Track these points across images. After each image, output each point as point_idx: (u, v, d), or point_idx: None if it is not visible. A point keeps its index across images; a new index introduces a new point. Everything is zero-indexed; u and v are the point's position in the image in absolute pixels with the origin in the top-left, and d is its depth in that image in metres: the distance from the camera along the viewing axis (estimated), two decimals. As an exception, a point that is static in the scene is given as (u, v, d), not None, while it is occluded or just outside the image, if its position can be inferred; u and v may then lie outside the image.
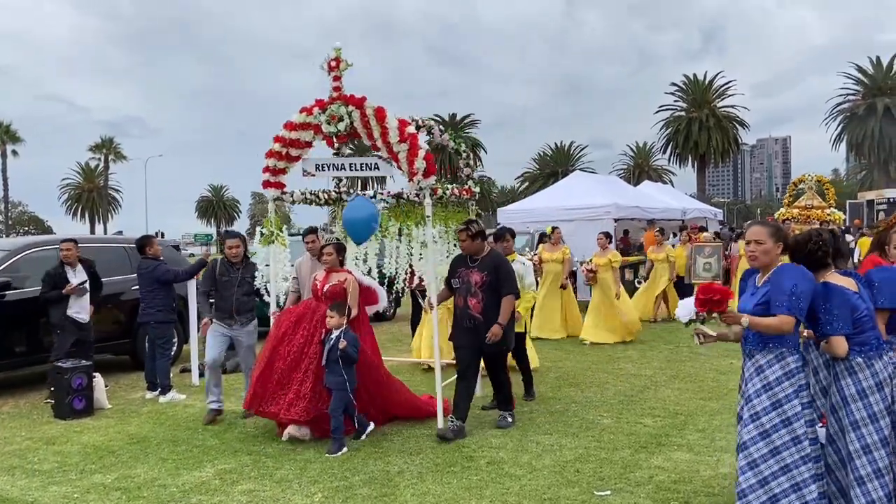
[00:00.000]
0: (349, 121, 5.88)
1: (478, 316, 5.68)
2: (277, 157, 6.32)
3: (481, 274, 5.70)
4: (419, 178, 5.70)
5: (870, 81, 47.09)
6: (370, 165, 6.19)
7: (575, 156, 61.57)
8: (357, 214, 5.95)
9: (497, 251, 6.13)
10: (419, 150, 5.68)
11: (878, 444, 3.35)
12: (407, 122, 5.80)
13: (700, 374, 7.96)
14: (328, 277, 5.88)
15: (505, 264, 5.84)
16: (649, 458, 5.05)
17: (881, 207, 26.34)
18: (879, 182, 44.21)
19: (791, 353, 3.40)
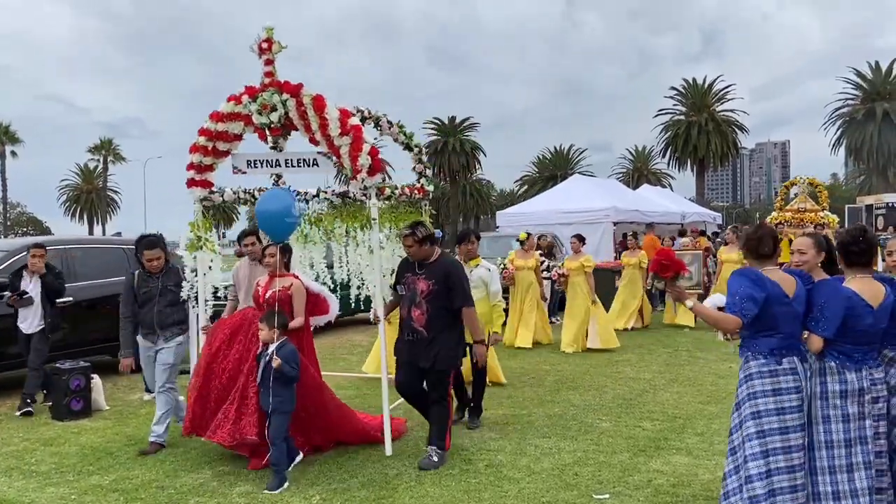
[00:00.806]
0: (283, 111, 5.22)
1: (420, 329, 5.06)
2: (203, 151, 5.62)
3: (428, 282, 5.09)
4: (363, 175, 5.08)
5: (869, 86, 47.19)
6: (309, 161, 5.51)
7: (574, 159, 61.65)
8: (269, 206, 5.23)
9: (449, 257, 5.49)
10: (363, 145, 5.06)
11: (822, 445, 3.42)
12: (350, 113, 5.19)
13: (699, 377, 7.97)
14: (271, 283, 5.25)
15: (456, 272, 5.18)
16: (648, 462, 5.05)
17: (880, 212, 26.37)
18: (878, 187, 44.26)
19: (754, 357, 3.44)
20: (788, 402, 3.38)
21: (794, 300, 3.42)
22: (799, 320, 3.45)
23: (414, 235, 5.12)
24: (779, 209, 15.04)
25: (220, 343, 5.30)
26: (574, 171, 53.23)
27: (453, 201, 63.22)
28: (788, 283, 3.45)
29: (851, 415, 3.39)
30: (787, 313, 3.40)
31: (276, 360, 4.64)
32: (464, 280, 5.21)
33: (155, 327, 5.74)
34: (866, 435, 3.39)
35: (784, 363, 3.41)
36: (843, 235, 3.61)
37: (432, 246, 5.23)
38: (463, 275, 5.25)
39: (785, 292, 3.41)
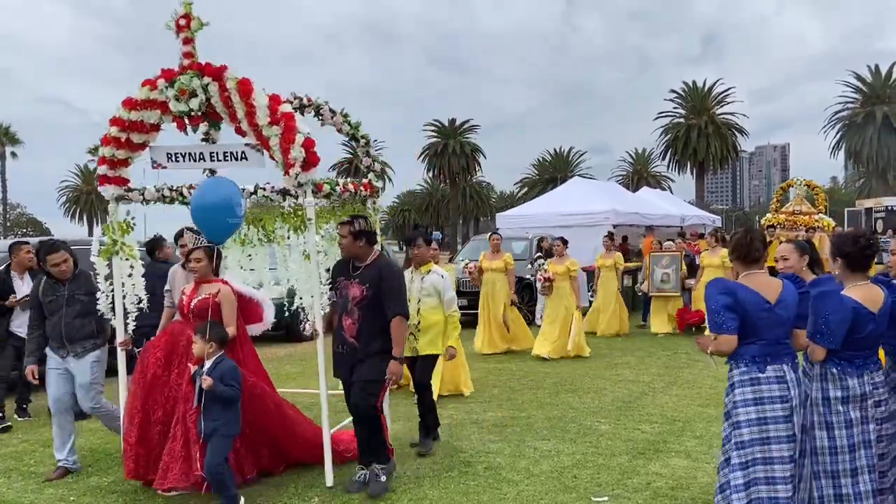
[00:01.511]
0: (204, 96, 4.57)
1: (351, 340, 4.57)
2: (116, 144, 4.91)
3: (362, 287, 4.55)
4: (296, 170, 4.49)
5: (868, 90, 47.26)
6: (236, 154, 4.86)
7: (574, 161, 61.77)
8: (206, 199, 4.56)
9: (386, 259, 4.89)
10: (296, 135, 4.46)
11: (825, 450, 3.40)
12: (280, 100, 4.59)
13: (698, 380, 7.97)
14: (197, 290, 4.72)
15: (392, 277, 4.64)
16: (647, 465, 5.05)
17: (879, 215, 26.39)
18: (878, 190, 44.34)
19: (736, 365, 3.40)
20: (772, 411, 3.29)
21: (778, 305, 3.33)
22: (786, 326, 3.37)
23: (350, 225, 4.60)
24: (774, 211, 14.78)
25: (154, 369, 4.63)
26: (574, 173, 53.28)
27: (453, 203, 63.25)
28: (771, 288, 3.37)
29: (854, 420, 3.37)
30: (767, 319, 3.31)
31: (206, 380, 4.10)
32: (399, 286, 4.66)
33: (63, 340, 5.09)
34: (870, 439, 3.39)
35: (768, 371, 3.32)
36: (853, 242, 3.49)
37: (369, 245, 4.67)
38: (399, 280, 4.71)
39: (765, 298, 3.32)
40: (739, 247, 3.46)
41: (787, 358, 3.37)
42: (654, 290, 12.05)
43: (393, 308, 4.55)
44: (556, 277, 9.57)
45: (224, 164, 4.91)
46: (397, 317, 4.55)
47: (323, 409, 4.74)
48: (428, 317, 5.49)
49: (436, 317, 5.51)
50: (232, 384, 4.21)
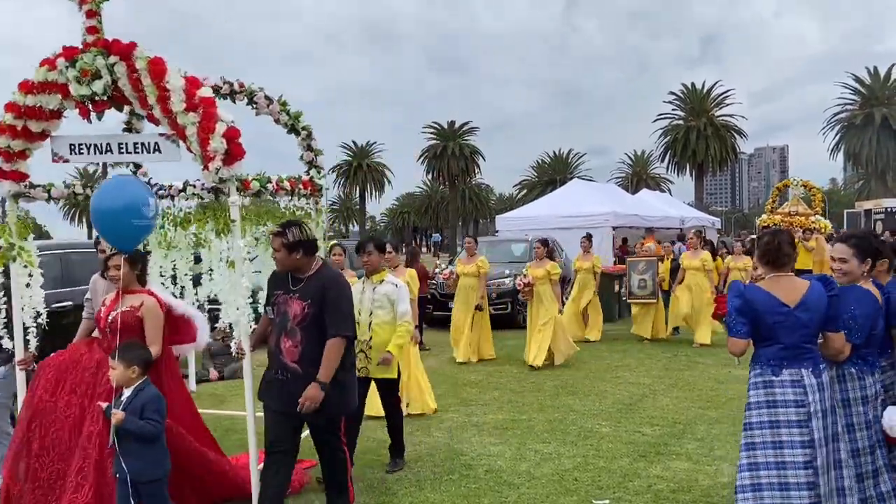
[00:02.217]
0: (110, 78, 3.96)
1: (292, 365, 3.87)
2: (11, 133, 4.31)
3: (303, 303, 3.87)
4: (217, 164, 3.90)
5: (867, 91, 47.34)
6: (148, 146, 4.28)
7: (573, 163, 61.88)
8: (107, 202, 4.06)
9: (331, 269, 4.13)
10: (216, 124, 3.87)
11: (857, 452, 3.36)
12: (199, 83, 3.99)
13: (699, 382, 7.96)
14: (118, 301, 4.06)
15: (336, 289, 3.93)
16: (648, 467, 5.05)
17: (878, 217, 26.43)
18: (877, 192, 44.39)
19: (752, 367, 3.40)
20: (785, 415, 3.22)
21: (798, 308, 3.24)
22: (809, 329, 3.26)
23: (283, 236, 3.89)
24: (770, 211, 14.61)
25: (41, 393, 3.97)
26: (573, 175, 53.39)
27: (452, 205, 63.27)
28: (794, 291, 3.28)
29: (873, 419, 3.37)
30: (785, 322, 3.23)
31: (116, 415, 3.49)
32: (342, 300, 3.95)
33: None
34: (882, 438, 3.39)
35: (783, 374, 3.24)
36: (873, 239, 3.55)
37: (308, 255, 3.96)
38: (344, 294, 3.99)
39: (782, 301, 3.24)
40: (769, 252, 3.37)
41: (809, 363, 3.26)
42: (630, 297, 11.65)
43: (334, 326, 3.84)
44: (535, 282, 9.15)
45: (135, 156, 4.38)
46: (336, 338, 3.83)
47: (250, 437, 4.24)
48: (381, 332, 4.95)
49: (390, 333, 4.96)
50: (153, 418, 3.57)
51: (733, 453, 5.24)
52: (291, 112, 5.05)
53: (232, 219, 4.15)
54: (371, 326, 4.96)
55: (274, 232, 4.02)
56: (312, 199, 5.23)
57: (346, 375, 4.00)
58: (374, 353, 4.92)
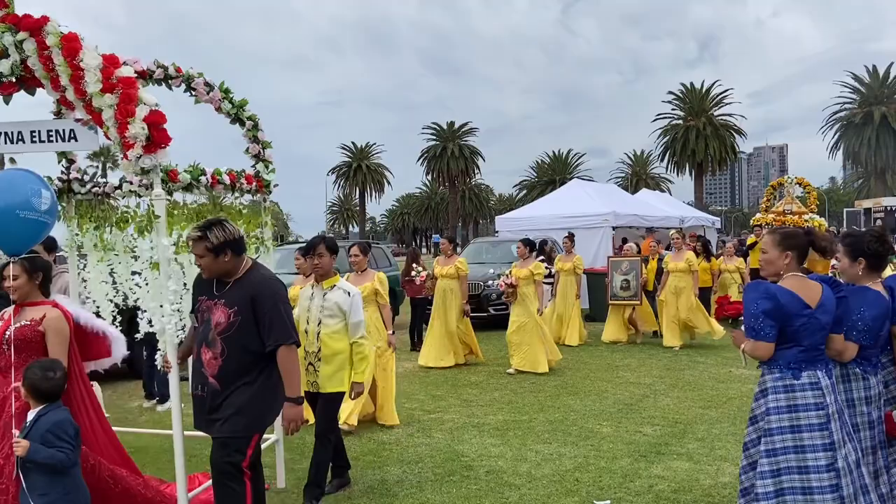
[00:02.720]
0: (19, 57, 3.58)
1: (212, 381, 3.41)
2: None
3: (227, 310, 3.42)
4: (137, 152, 3.51)
5: (866, 90, 47.42)
6: (63, 134, 3.87)
7: (573, 164, 61.93)
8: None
9: (261, 272, 3.60)
10: (137, 107, 3.48)
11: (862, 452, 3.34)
12: (118, 61, 3.57)
13: (699, 382, 7.95)
14: (18, 314, 3.63)
15: (267, 294, 3.45)
16: (649, 468, 5.04)
17: (878, 216, 26.46)
18: (876, 190, 44.43)
19: (770, 370, 3.25)
20: (806, 419, 3.16)
21: (818, 310, 3.19)
22: (825, 331, 3.22)
23: (205, 240, 3.40)
24: (764, 210, 14.41)
25: None
26: (573, 175, 53.46)
27: (452, 206, 63.31)
28: (811, 292, 3.22)
29: (876, 419, 3.35)
30: (807, 324, 3.17)
31: (19, 445, 3.10)
32: (279, 306, 3.46)
33: None
34: (884, 439, 3.38)
35: (803, 377, 3.18)
36: (875, 242, 3.45)
37: (237, 256, 3.50)
38: (279, 298, 3.50)
39: (805, 302, 3.18)
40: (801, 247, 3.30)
41: (822, 364, 3.24)
42: (612, 298, 11.19)
43: (275, 335, 3.40)
44: (519, 282, 8.78)
45: (49, 145, 3.94)
46: (282, 346, 3.40)
47: (178, 460, 3.76)
48: (331, 343, 4.52)
49: (341, 344, 4.55)
50: (63, 445, 3.16)
51: (734, 453, 5.24)
52: (235, 101, 4.52)
53: (156, 215, 3.69)
54: (319, 337, 4.53)
55: (192, 237, 3.47)
56: (260, 197, 4.74)
57: (268, 393, 3.49)
58: (323, 366, 4.51)
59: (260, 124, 4.72)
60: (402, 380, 8.37)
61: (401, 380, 8.38)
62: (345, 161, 67.23)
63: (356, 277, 6.31)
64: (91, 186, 4.60)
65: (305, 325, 4.57)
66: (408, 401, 7.29)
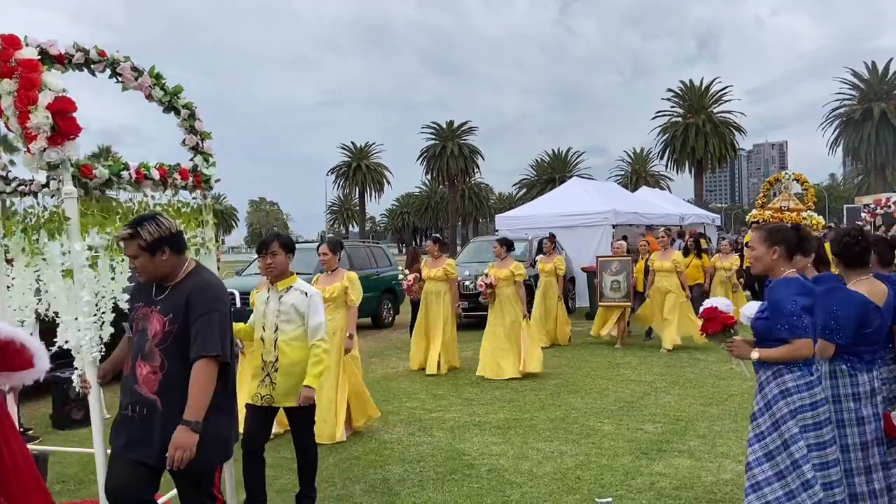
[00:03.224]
0: None
1: (150, 397, 3.01)
2: None
3: (163, 317, 3.02)
4: (40, 144, 3.21)
5: (866, 86, 47.41)
6: None
7: (572, 162, 61.90)
8: None
9: (203, 276, 3.17)
10: (39, 95, 3.15)
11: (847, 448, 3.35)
12: (18, 42, 3.23)
13: (700, 379, 7.96)
14: None
15: (202, 301, 3.02)
16: (650, 465, 5.04)
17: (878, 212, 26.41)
18: (876, 186, 44.39)
19: (789, 370, 3.15)
20: (825, 413, 3.17)
21: None
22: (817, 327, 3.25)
23: (137, 238, 3.01)
24: (760, 207, 14.22)
25: None
26: (572, 174, 53.43)
27: (452, 205, 63.31)
28: None
29: (866, 417, 3.34)
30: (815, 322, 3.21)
31: None
32: (212, 314, 3.02)
33: None
34: (881, 436, 3.36)
35: (815, 373, 3.19)
36: (843, 238, 3.54)
37: (176, 254, 3.11)
38: (212, 303, 3.05)
39: None
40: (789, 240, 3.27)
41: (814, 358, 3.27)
42: (602, 300, 10.85)
43: (199, 345, 2.95)
44: (498, 283, 8.44)
45: None
46: (202, 359, 2.93)
47: (100, 481, 3.34)
48: (289, 352, 4.17)
49: (300, 352, 4.19)
50: None
51: (736, 450, 5.24)
52: (168, 88, 4.01)
53: (66, 216, 3.25)
54: (276, 344, 4.18)
55: (122, 235, 3.07)
56: (200, 194, 4.24)
57: (223, 413, 3.06)
58: (280, 378, 4.13)
59: (197, 113, 4.20)
60: (403, 379, 8.38)
61: (402, 379, 8.40)
62: (344, 161, 67.24)
63: (326, 277, 6.13)
64: (17, 185, 4.11)
65: (262, 332, 4.24)
66: (409, 400, 7.30)
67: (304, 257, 9.86)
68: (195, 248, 4.19)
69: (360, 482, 4.86)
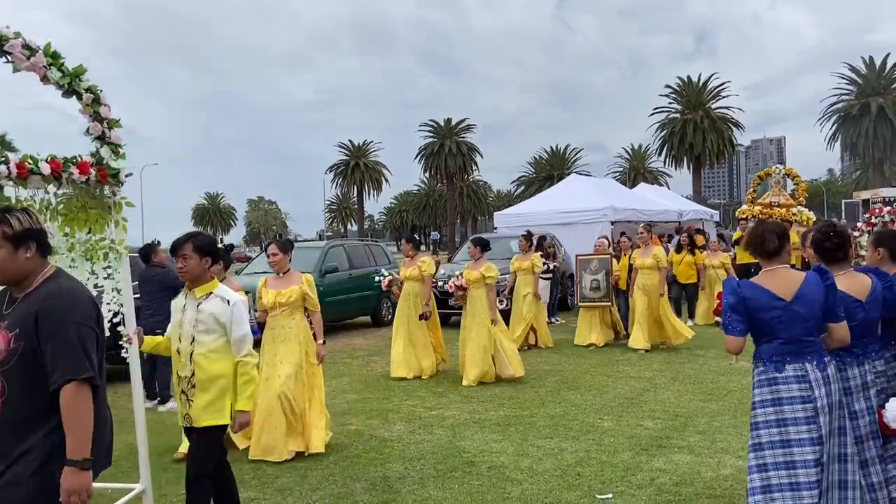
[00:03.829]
0: None
1: None
2: None
3: (8, 333, 2.52)
4: None
5: (863, 81, 47.42)
6: None
7: (570, 159, 61.85)
8: None
9: (60, 282, 2.64)
10: None
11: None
12: None
13: (700, 375, 7.97)
14: None
15: (54, 311, 2.50)
16: (650, 461, 5.05)
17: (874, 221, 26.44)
18: (874, 181, 44.43)
19: (755, 364, 3.31)
20: (791, 412, 3.14)
21: (796, 302, 3.19)
22: (808, 322, 3.20)
23: (2, 224, 2.57)
24: (750, 202, 14.00)
25: None
26: (571, 171, 53.43)
27: (450, 203, 63.28)
28: (789, 284, 3.23)
29: (859, 411, 3.33)
30: (782, 317, 3.18)
31: None
32: (69, 327, 2.49)
33: None
34: (877, 429, 3.35)
35: (787, 370, 3.17)
36: (815, 234, 3.56)
37: (40, 256, 2.65)
38: (72, 316, 2.52)
39: (777, 295, 3.21)
40: (752, 239, 3.38)
41: (812, 356, 3.20)
42: (581, 300, 10.44)
43: (62, 369, 2.45)
44: (469, 285, 8.01)
45: None
46: (70, 384, 2.44)
47: None
48: (206, 366, 3.67)
49: (219, 365, 3.69)
50: None
51: (735, 445, 5.26)
52: (66, 69, 3.54)
53: None
54: (192, 357, 3.69)
55: None
56: (109, 189, 3.79)
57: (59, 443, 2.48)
58: (197, 394, 3.66)
59: (103, 97, 3.68)
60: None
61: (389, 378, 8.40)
62: (342, 159, 67.19)
63: (277, 280, 5.65)
64: None
65: (177, 344, 3.77)
66: (409, 398, 7.31)
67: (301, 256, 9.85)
68: (103, 251, 3.84)
69: (360, 480, 4.87)
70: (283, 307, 5.53)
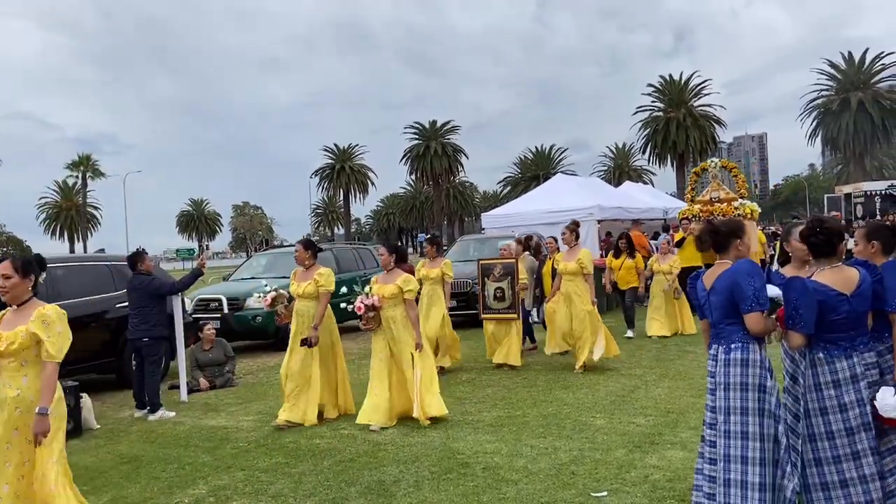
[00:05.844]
0: None
1: None
2: None
3: None
4: None
5: (843, 77, 47.95)
6: None
7: (555, 159, 62.12)
8: None
9: None
10: None
11: (823, 436, 3.41)
12: None
13: (689, 371, 8.02)
14: None
15: None
16: (644, 458, 5.08)
17: (858, 201, 26.79)
18: (856, 175, 44.94)
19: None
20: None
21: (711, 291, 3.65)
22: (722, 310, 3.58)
23: None
24: (689, 200, 13.48)
25: None
26: (556, 170, 53.67)
27: (437, 205, 63.30)
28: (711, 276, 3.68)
29: (848, 403, 3.38)
30: (704, 305, 3.73)
31: None
32: None
33: None
34: (868, 421, 3.39)
35: (710, 350, 3.72)
36: (803, 230, 3.66)
37: None
38: None
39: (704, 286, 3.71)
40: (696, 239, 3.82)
41: (723, 340, 3.56)
42: (484, 311, 8.97)
43: None
44: (383, 303, 6.37)
45: None
46: None
47: None
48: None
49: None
50: None
51: (727, 440, 5.29)
52: None
53: None
54: None
55: None
56: None
57: None
58: None
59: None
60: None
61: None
62: (328, 163, 67.06)
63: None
64: None
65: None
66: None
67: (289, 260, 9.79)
68: None
69: (355, 484, 4.85)
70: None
